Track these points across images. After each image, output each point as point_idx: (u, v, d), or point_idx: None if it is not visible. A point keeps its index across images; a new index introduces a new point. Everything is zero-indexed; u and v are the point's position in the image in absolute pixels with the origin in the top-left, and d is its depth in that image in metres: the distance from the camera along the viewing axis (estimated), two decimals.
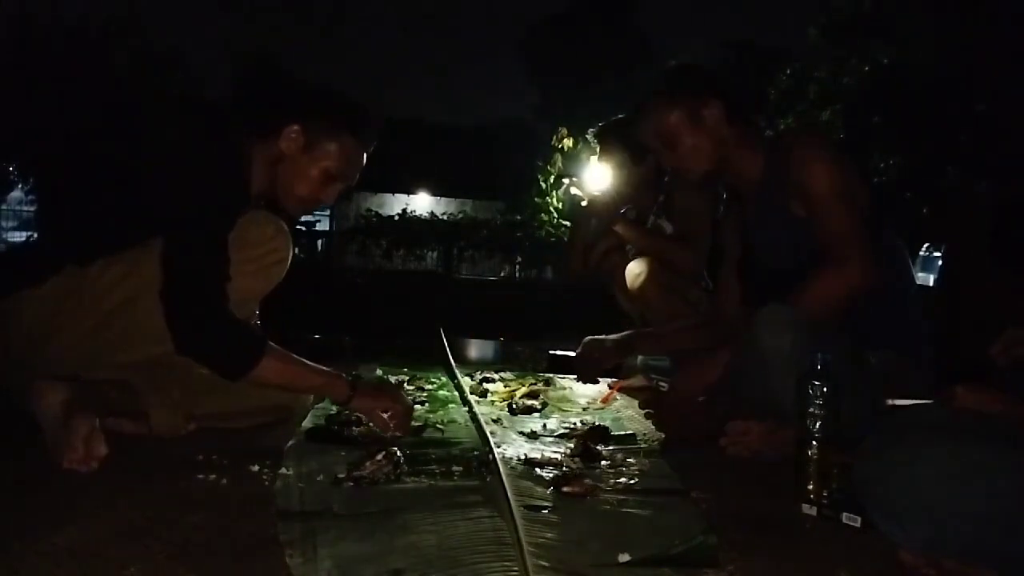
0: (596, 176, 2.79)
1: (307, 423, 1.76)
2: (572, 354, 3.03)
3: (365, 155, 1.77)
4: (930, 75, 5.84)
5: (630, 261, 2.71)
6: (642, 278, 2.60)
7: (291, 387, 1.70)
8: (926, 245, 10.47)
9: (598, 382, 1.97)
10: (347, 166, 1.73)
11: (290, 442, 1.59)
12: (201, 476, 1.34)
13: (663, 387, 2.27)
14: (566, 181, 2.92)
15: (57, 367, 1.51)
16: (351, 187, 1.80)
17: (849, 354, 1.56)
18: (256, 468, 1.40)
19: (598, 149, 2.81)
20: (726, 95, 1.84)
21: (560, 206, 8.27)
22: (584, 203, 2.80)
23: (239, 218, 1.58)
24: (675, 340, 2.17)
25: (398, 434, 1.66)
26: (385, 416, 1.66)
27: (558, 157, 7.81)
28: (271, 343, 1.56)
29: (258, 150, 1.68)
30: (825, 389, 1.33)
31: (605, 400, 2.28)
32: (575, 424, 1.90)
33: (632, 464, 1.56)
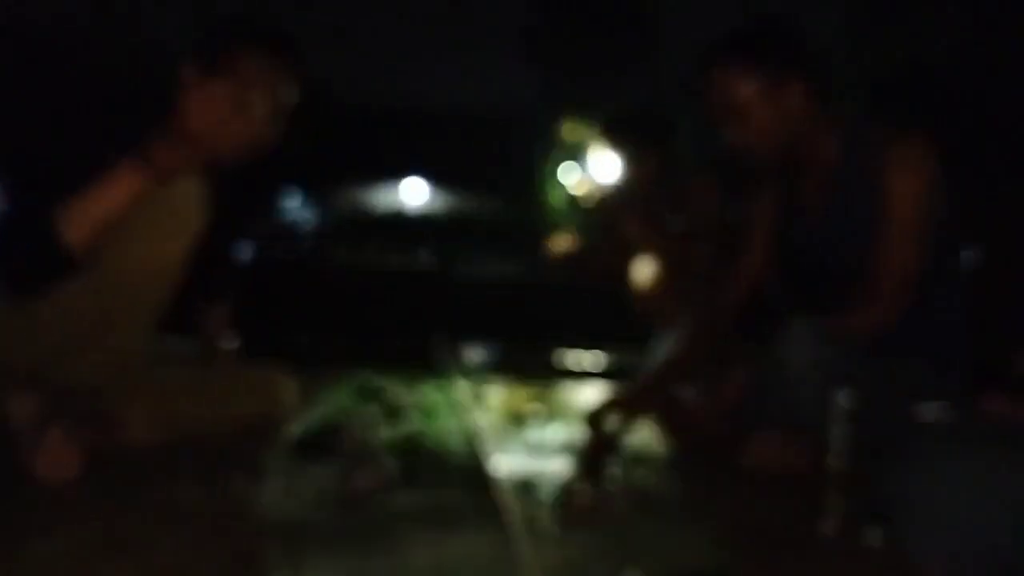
0: (603, 172, 2.77)
1: (292, 433, 1.70)
2: (576, 359, 3.00)
3: (280, 67, 1.61)
4: (946, 70, 5.82)
5: (638, 259, 2.68)
6: (650, 277, 2.59)
7: (105, 216, 1.46)
8: None
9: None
10: (252, 72, 1.55)
11: (276, 454, 1.55)
12: (180, 488, 1.30)
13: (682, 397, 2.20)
14: (592, 158, 2.87)
15: (23, 374, 1.45)
16: (291, 102, 1.63)
17: (879, 370, 1.51)
18: (240, 481, 1.36)
19: (605, 144, 2.78)
20: (812, 71, 1.65)
21: (563, 202, 8.29)
22: (591, 199, 2.78)
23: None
24: (684, 368, 1.81)
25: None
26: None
27: (561, 151, 7.81)
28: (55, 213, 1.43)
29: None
30: (849, 401, 1.28)
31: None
32: (580, 434, 1.85)
33: (641, 477, 1.53)
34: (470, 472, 1.49)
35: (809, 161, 1.71)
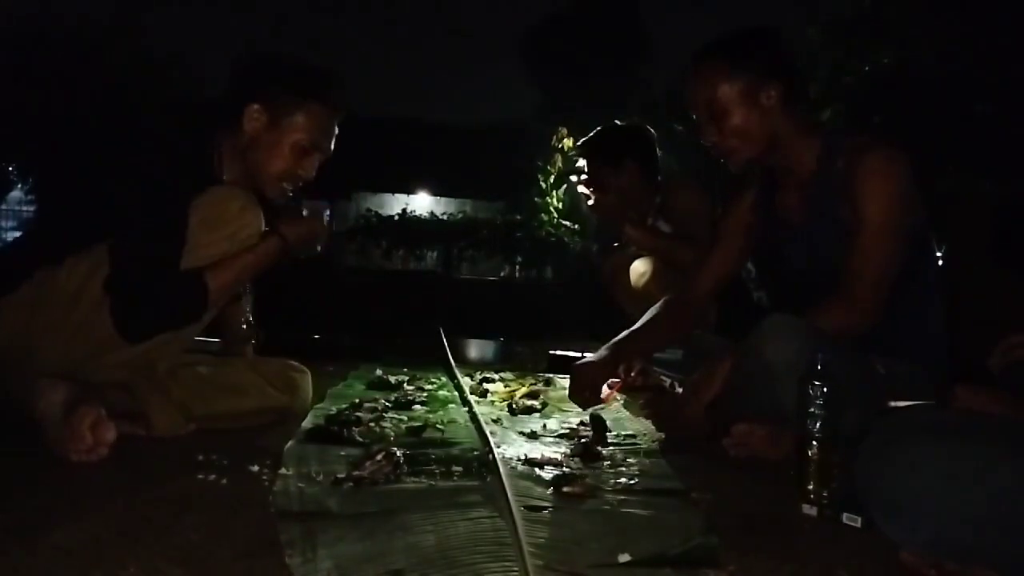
0: (592, 181, 2.81)
1: (307, 423, 1.75)
2: (573, 354, 3.04)
3: (336, 121, 1.72)
4: (930, 75, 5.84)
5: (631, 261, 2.71)
6: (646, 278, 2.61)
7: (243, 283, 1.67)
8: None
9: (600, 401, 1.87)
10: (318, 135, 1.68)
11: (289, 442, 1.58)
12: (200, 476, 1.33)
13: (667, 382, 2.25)
14: (574, 178, 2.91)
15: (48, 371, 1.49)
16: (328, 159, 1.75)
17: (855, 363, 1.54)
18: (255, 468, 1.39)
19: (584, 165, 2.82)
20: (791, 78, 1.69)
21: (560, 206, 8.28)
22: (591, 202, 2.81)
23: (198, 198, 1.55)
24: (653, 336, 1.98)
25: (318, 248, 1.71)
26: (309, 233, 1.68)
27: (558, 157, 7.80)
28: (204, 272, 1.53)
29: (228, 142, 1.65)
30: (826, 389, 1.33)
31: (605, 400, 2.28)
32: (575, 424, 1.90)
33: (632, 464, 1.56)
34: (473, 459, 1.52)
35: (787, 169, 1.74)
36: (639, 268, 2.66)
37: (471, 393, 2.24)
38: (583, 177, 2.80)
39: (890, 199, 1.62)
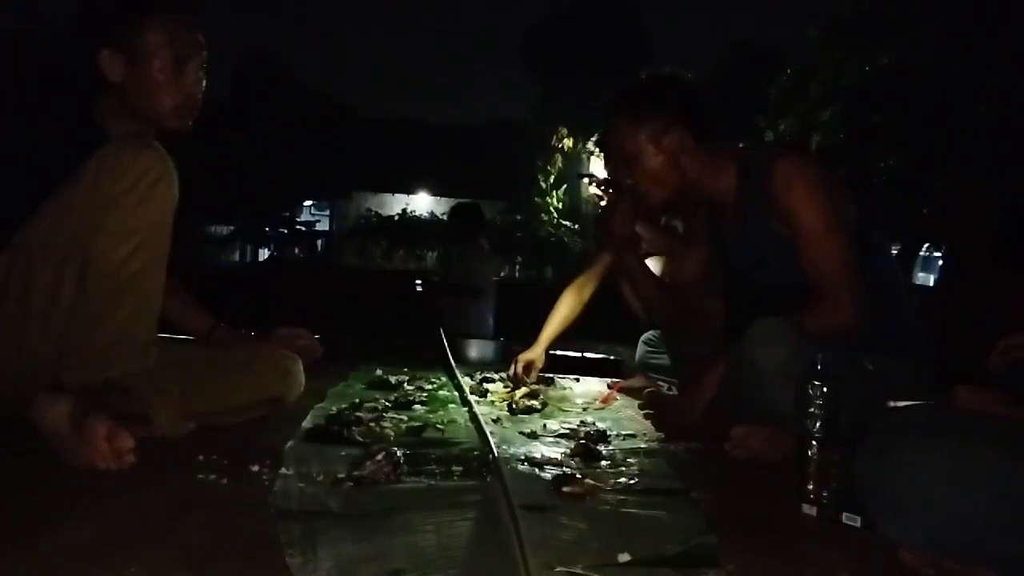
0: (607, 178, 2.80)
1: (307, 423, 1.75)
2: (572, 354, 3.04)
3: (190, 21, 1.62)
4: (930, 75, 5.86)
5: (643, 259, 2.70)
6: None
7: None
8: (926, 245, 10.48)
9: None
10: (180, 45, 1.59)
11: (290, 442, 1.58)
12: (201, 476, 1.33)
13: (663, 387, 2.26)
14: (585, 180, 2.92)
15: (31, 377, 1.47)
16: (206, 62, 1.66)
17: (846, 362, 1.55)
18: (256, 468, 1.39)
19: (603, 154, 2.80)
20: (694, 118, 1.80)
21: (560, 206, 8.30)
22: (603, 202, 2.80)
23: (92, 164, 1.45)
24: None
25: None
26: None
27: (558, 157, 7.82)
28: None
29: (107, 101, 1.60)
30: (825, 389, 1.33)
31: (605, 400, 2.29)
32: (575, 424, 1.91)
33: (632, 464, 1.56)
34: (473, 459, 1.52)
35: (713, 194, 1.83)
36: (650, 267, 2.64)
37: (471, 393, 2.24)
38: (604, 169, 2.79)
39: (814, 199, 1.65)
